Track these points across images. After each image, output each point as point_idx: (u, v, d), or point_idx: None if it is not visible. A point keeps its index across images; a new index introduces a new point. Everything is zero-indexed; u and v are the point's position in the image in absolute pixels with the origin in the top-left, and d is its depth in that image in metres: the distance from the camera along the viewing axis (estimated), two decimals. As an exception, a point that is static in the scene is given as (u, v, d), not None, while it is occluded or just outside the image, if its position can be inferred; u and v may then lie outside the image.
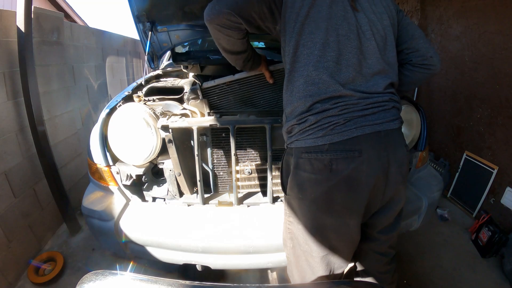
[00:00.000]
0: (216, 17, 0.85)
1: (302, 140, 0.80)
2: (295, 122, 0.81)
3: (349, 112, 0.77)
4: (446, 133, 2.47)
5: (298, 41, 0.81)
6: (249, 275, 1.55)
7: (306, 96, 0.79)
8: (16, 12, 1.57)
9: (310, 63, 0.79)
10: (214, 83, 1.25)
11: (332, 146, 0.76)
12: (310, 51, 0.80)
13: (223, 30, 0.88)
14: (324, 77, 0.78)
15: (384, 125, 0.79)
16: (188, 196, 1.30)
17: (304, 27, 0.80)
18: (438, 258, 1.73)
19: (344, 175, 0.76)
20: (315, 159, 0.78)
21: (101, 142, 1.23)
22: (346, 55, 0.80)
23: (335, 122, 0.76)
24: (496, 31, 1.87)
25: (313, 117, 0.78)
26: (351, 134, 0.76)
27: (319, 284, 0.84)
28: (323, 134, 0.77)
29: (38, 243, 1.81)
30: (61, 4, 5.52)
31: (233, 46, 0.96)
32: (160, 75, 1.86)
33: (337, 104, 0.77)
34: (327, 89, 0.78)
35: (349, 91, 0.78)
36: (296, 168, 0.82)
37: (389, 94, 0.84)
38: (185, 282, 0.62)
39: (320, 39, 0.79)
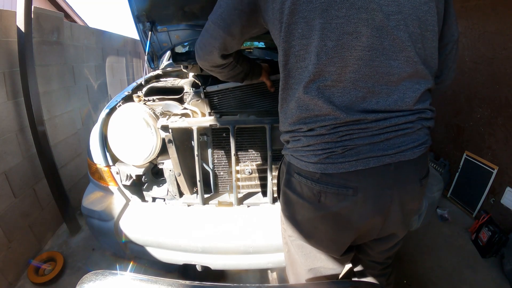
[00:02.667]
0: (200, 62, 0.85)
1: (296, 158, 0.69)
2: (289, 138, 0.70)
3: (351, 139, 0.60)
4: (446, 133, 2.47)
5: (287, 50, 0.62)
6: (249, 275, 1.55)
7: (300, 124, 0.64)
8: (16, 12, 1.57)
9: (302, 82, 0.61)
10: (218, 88, 1.25)
11: (324, 177, 0.63)
12: (304, 65, 0.60)
13: (212, 67, 0.87)
14: (320, 103, 0.59)
15: (397, 155, 0.61)
16: (188, 196, 1.30)
17: (292, 29, 0.59)
18: (438, 258, 1.73)
19: (332, 211, 0.65)
20: (304, 185, 0.67)
21: (101, 142, 1.23)
22: (354, 65, 0.57)
23: (331, 150, 0.61)
24: (496, 31, 1.87)
25: (306, 139, 0.64)
26: (348, 167, 0.60)
27: (319, 284, 0.84)
28: (315, 161, 0.63)
29: (38, 243, 1.81)
30: (61, 4, 5.51)
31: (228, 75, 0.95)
32: (160, 75, 1.86)
33: (336, 130, 0.60)
34: (325, 117, 0.60)
35: (356, 116, 0.59)
36: (286, 185, 0.74)
37: (418, 112, 0.62)
38: (185, 282, 0.62)
39: (314, 47, 0.57)
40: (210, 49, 0.79)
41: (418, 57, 0.60)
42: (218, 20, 0.73)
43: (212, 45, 0.77)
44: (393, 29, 0.57)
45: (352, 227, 0.68)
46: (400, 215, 0.68)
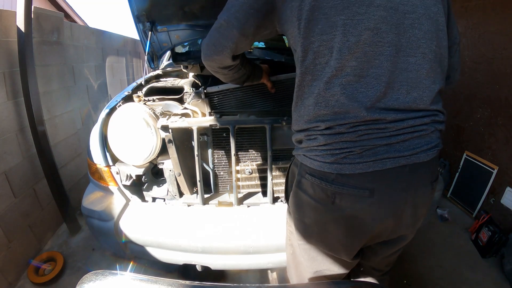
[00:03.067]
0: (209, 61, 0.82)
1: (309, 159, 0.67)
2: (304, 137, 0.68)
3: (370, 139, 0.60)
4: (446, 133, 2.47)
5: (306, 46, 0.62)
6: (249, 275, 1.55)
7: (317, 121, 0.63)
8: (16, 12, 1.57)
9: (323, 78, 0.60)
10: (218, 88, 1.25)
11: (340, 178, 0.62)
12: (325, 61, 0.60)
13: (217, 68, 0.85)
14: (342, 99, 0.59)
15: (412, 157, 0.61)
16: (188, 196, 1.30)
17: (312, 26, 0.59)
18: (438, 258, 1.73)
19: (346, 213, 0.64)
20: (317, 186, 0.65)
21: (101, 142, 1.23)
22: (375, 60, 0.58)
23: (349, 150, 0.60)
24: (496, 31, 1.87)
25: (323, 137, 0.62)
26: (365, 168, 0.60)
27: (319, 284, 0.84)
28: (331, 161, 0.62)
29: (38, 243, 1.81)
30: (61, 4, 5.52)
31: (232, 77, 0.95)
32: (160, 75, 1.86)
33: (355, 129, 0.60)
34: (346, 114, 0.59)
35: (376, 115, 0.58)
36: (297, 186, 0.72)
37: (433, 114, 0.64)
38: (185, 282, 0.62)
39: (336, 43, 0.58)
40: (220, 49, 0.76)
41: (434, 54, 0.62)
42: (232, 19, 0.71)
43: (223, 45, 0.75)
44: (408, 27, 0.59)
45: (366, 230, 0.67)
46: (412, 217, 0.68)
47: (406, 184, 0.63)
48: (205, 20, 1.61)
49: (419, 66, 0.61)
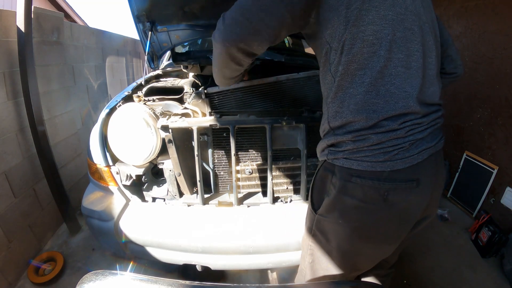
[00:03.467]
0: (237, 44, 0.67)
1: (355, 160, 0.67)
2: (348, 139, 0.67)
3: (413, 134, 0.65)
4: (446, 133, 2.44)
5: (354, 34, 0.63)
6: (249, 275, 1.55)
7: (368, 111, 0.64)
8: (16, 12, 1.57)
9: (375, 68, 0.63)
10: (219, 89, 1.25)
11: (393, 174, 0.65)
12: (373, 50, 0.63)
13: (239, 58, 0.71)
14: (393, 89, 0.63)
15: (435, 146, 0.69)
16: (188, 196, 1.30)
17: (362, 15, 0.62)
18: (438, 258, 1.73)
19: (399, 207, 0.67)
20: (369, 187, 0.66)
21: (101, 142, 1.23)
22: (415, 55, 0.65)
23: (400, 146, 0.64)
24: (496, 31, 1.87)
25: (376, 136, 0.64)
26: (413, 161, 0.65)
27: (319, 284, 0.84)
28: (384, 159, 0.64)
29: (38, 243, 1.81)
30: (61, 4, 5.52)
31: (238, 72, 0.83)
32: (160, 75, 1.86)
33: (404, 124, 0.64)
34: (396, 104, 0.63)
35: (417, 106, 0.65)
36: (341, 192, 0.70)
37: (441, 108, 0.73)
38: (185, 282, 0.62)
39: (387, 35, 0.62)
40: (261, 31, 0.65)
41: (438, 58, 0.73)
42: None
43: (267, 26, 0.65)
44: (427, 33, 0.69)
45: (413, 218, 0.71)
46: (436, 198, 0.76)
47: (435, 170, 0.71)
48: (205, 20, 1.61)
49: (434, 65, 0.70)
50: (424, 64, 0.67)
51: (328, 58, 0.69)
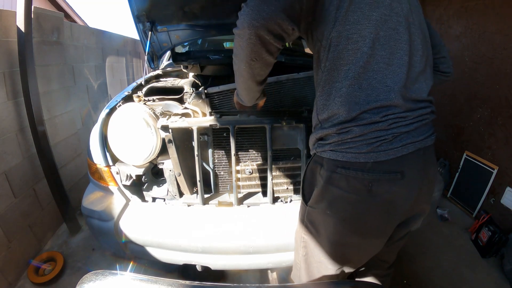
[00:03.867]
0: (266, 22, 0.64)
1: (340, 152, 0.70)
2: (334, 131, 0.70)
3: (397, 127, 0.67)
4: (446, 133, 2.47)
5: (341, 32, 0.67)
6: (249, 275, 1.55)
7: (351, 103, 0.68)
8: (16, 12, 1.57)
9: (358, 63, 0.67)
10: (219, 89, 1.25)
11: (376, 166, 0.67)
12: (357, 47, 0.67)
13: (269, 41, 0.68)
14: (374, 83, 0.67)
15: (423, 142, 0.71)
16: (188, 196, 1.30)
17: (348, 15, 0.67)
18: (438, 258, 1.73)
19: (383, 198, 0.69)
20: (353, 177, 0.69)
21: (101, 142, 1.23)
22: (398, 53, 0.69)
23: (383, 138, 0.66)
24: (496, 31, 1.87)
25: (359, 128, 0.67)
26: (396, 153, 0.67)
27: (319, 284, 0.84)
28: (367, 150, 0.67)
29: (38, 243, 1.81)
30: (61, 4, 5.52)
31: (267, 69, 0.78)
32: (160, 75, 1.86)
33: (387, 117, 0.67)
34: (377, 97, 0.67)
35: (399, 100, 0.67)
36: (327, 182, 0.73)
37: (430, 105, 0.75)
38: (185, 282, 0.62)
39: (370, 33, 0.66)
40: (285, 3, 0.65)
41: (425, 57, 0.75)
42: None
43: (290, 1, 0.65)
44: (414, 34, 0.72)
45: (399, 212, 0.73)
46: (427, 194, 0.77)
47: (423, 164, 0.72)
48: (205, 20, 1.61)
49: (420, 64, 0.73)
50: (410, 62, 0.70)
51: (319, 55, 0.74)
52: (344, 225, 0.74)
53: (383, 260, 0.93)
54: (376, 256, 0.90)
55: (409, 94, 0.70)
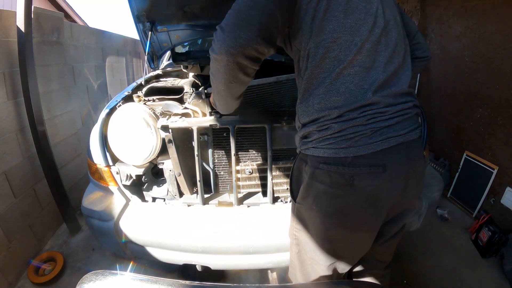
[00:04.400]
0: (243, 49, 0.63)
1: (321, 148, 0.72)
2: (314, 129, 0.73)
3: (376, 122, 0.69)
4: (446, 133, 2.47)
5: (318, 42, 0.69)
6: (249, 275, 1.55)
7: (331, 108, 0.70)
8: (16, 12, 1.57)
9: (335, 70, 0.69)
10: None
11: (356, 160, 0.69)
12: (334, 55, 0.69)
13: (247, 66, 0.68)
14: (351, 86, 0.69)
15: (406, 135, 0.72)
16: (188, 196, 1.30)
17: (324, 25, 0.68)
18: (438, 258, 1.73)
19: (365, 191, 0.70)
20: (334, 172, 0.70)
21: (101, 142, 1.23)
22: (375, 54, 0.71)
23: (362, 132, 0.68)
24: (496, 31, 1.87)
25: (337, 125, 0.69)
26: (376, 147, 0.68)
27: (319, 284, 0.84)
28: (346, 146, 0.69)
29: (38, 243, 1.81)
30: (61, 4, 5.51)
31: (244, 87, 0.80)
32: (160, 75, 1.86)
33: (365, 112, 0.68)
34: (355, 98, 0.69)
35: (378, 97, 0.69)
36: (311, 178, 0.75)
37: (412, 99, 0.76)
38: (185, 282, 0.62)
39: (346, 41, 0.69)
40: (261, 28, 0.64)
41: (404, 51, 0.77)
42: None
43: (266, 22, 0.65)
44: (390, 30, 0.74)
45: (384, 205, 0.73)
46: (414, 188, 0.77)
47: (406, 158, 0.72)
48: (205, 20, 1.61)
49: (398, 59, 0.74)
50: (388, 59, 0.72)
51: (299, 64, 0.77)
52: (331, 220, 0.75)
53: (379, 261, 0.93)
54: (372, 256, 0.91)
55: (388, 90, 0.71)
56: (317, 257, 0.81)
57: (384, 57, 0.71)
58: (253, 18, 0.64)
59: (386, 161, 0.69)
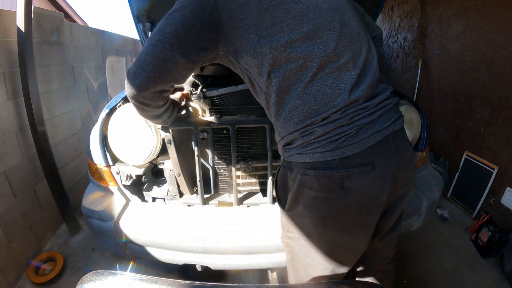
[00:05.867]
0: (140, 93, 0.72)
1: (306, 154, 0.69)
2: (297, 136, 0.70)
3: (359, 120, 0.67)
4: (446, 133, 2.47)
5: (276, 56, 0.66)
6: (249, 275, 1.55)
7: (312, 116, 0.67)
8: (16, 12, 1.57)
9: (306, 78, 0.66)
10: (218, 92, 1.25)
11: (344, 161, 0.66)
12: (300, 64, 0.66)
13: (150, 104, 0.78)
14: (327, 90, 0.66)
15: (391, 127, 0.70)
16: (188, 196, 1.30)
17: (279, 38, 0.65)
18: (438, 258, 1.73)
19: (357, 192, 0.68)
20: (323, 177, 0.68)
21: (101, 142, 1.23)
22: (341, 52, 0.68)
23: (346, 132, 0.66)
24: (496, 31, 1.87)
25: (321, 128, 0.67)
26: (363, 145, 0.66)
27: (319, 284, 0.84)
28: (332, 148, 0.66)
29: (38, 243, 1.81)
30: (61, 4, 5.52)
31: (167, 111, 0.92)
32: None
33: (346, 112, 0.66)
34: (334, 102, 0.66)
35: (356, 95, 0.67)
36: (300, 185, 0.72)
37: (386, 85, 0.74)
38: (185, 282, 0.62)
39: (307, 47, 0.66)
40: (159, 77, 0.70)
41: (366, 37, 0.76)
42: (170, 39, 0.66)
43: (165, 71, 0.69)
44: (349, 20, 0.72)
45: (377, 203, 0.71)
46: (405, 179, 0.75)
47: (394, 150, 0.71)
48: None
49: (365, 49, 0.72)
50: (356, 53, 0.69)
51: (253, 82, 0.74)
52: (324, 224, 0.73)
53: (382, 257, 0.92)
54: (374, 254, 0.90)
55: (364, 83, 0.69)
56: (312, 261, 0.78)
57: (351, 53, 0.69)
58: (148, 65, 0.68)
59: (374, 158, 0.67)
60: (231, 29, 0.68)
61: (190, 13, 0.66)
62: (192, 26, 0.67)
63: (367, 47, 0.73)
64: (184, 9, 0.67)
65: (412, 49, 2.98)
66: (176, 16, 0.67)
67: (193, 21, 0.66)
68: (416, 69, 2.81)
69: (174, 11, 0.68)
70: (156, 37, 0.67)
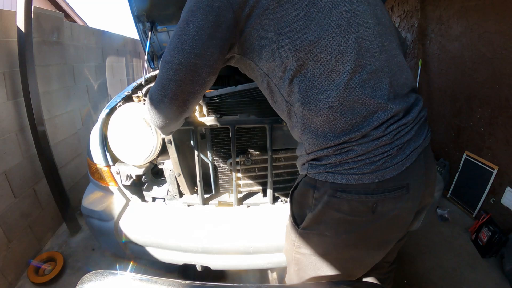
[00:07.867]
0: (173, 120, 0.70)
1: (338, 174, 0.60)
2: (330, 152, 0.60)
3: (400, 138, 0.59)
4: (446, 133, 2.47)
5: (302, 58, 0.57)
6: (249, 275, 1.55)
7: (350, 132, 0.58)
8: (16, 12, 1.57)
9: (339, 86, 0.56)
10: (217, 93, 1.25)
11: (381, 185, 0.59)
12: (330, 68, 0.57)
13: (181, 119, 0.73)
14: (367, 101, 0.57)
15: (423, 143, 0.64)
16: (188, 196, 1.30)
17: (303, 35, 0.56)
18: (438, 258, 1.73)
19: (389, 216, 0.62)
20: (356, 201, 0.60)
21: (101, 142, 1.23)
22: (376, 52, 0.59)
23: (388, 153, 0.58)
24: (496, 31, 1.87)
25: (360, 147, 0.58)
26: (402, 167, 0.59)
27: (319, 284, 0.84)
28: (371, 170, 0.58)
29: (38, 243, 1.81)
30: (61, 4, 5.52)
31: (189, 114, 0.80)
32: (160, 75, 1.85)
33: (390, 128, 0.58)
34: (375, 114, 0.57)
35: (396, 106, 0.58)
36: (326, 207, 0.64)
37: (419, 97, 0.67)
38: (185, 282, 0.62)
39: (338, 45, 0.56)
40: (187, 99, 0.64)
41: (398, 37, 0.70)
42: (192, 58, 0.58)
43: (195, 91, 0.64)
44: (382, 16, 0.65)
45: (405, 223, 0.67)
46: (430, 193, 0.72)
47: (424, 169, 0.65)
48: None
49: (398, 51, 0.65)
50: (389, 55, 0.61)
51: (273, 88, 0.65)
52: (346, 244, 0.67)
53: (385, 261, 0.92)
54: None
55: (398, 91, 0.61)
56: (322, 273, 0.73)
57: (385, 55, 0.60)
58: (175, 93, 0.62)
59: (409, 180, 0.61)
60: (246, 27, 0.59)
61: (205, 23, 0.58)
62: (211, 37, 0.58)
63: (399, 49, 0.66)
64: (196, 20, 0.58)
65: (412, 49, 2.98)
66: (192, 31, 0.58)
67: (210, 31, 0.58)
68: (416, 69, 2.81)
69: (186, 24, 0.59)
70: (176, 59, 0.59)
